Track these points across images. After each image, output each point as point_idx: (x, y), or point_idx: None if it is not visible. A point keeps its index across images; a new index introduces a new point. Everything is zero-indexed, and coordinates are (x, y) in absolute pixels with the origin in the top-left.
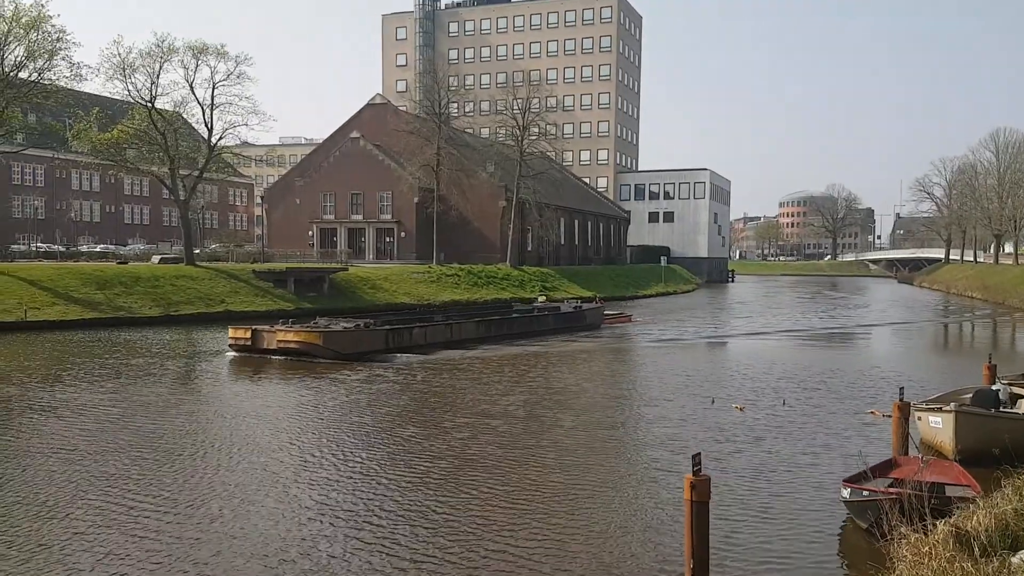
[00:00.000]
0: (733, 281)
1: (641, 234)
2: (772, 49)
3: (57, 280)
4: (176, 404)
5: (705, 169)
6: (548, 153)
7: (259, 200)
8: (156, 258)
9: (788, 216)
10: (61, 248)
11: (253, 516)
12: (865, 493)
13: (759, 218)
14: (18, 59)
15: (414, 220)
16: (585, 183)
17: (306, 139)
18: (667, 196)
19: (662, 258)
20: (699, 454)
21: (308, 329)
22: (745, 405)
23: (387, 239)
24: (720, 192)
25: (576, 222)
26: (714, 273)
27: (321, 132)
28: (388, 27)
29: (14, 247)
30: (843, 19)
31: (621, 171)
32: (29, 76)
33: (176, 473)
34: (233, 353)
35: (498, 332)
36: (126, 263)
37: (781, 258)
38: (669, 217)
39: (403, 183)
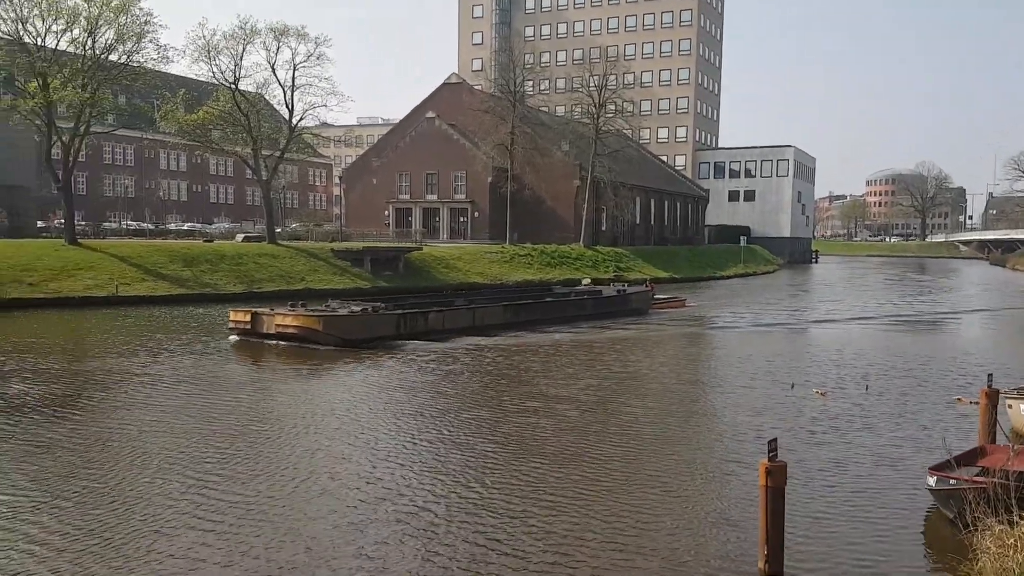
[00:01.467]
0: (817, 262)
1: (720, 213)
2: (860, 22)
3: (147, 257)
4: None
5: (789, 146)
6: (624, 131)
7: (337, 180)
8: (240, 236)
9: (875, 195)
10: (150, 226)
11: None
12: (952, 482)
13: (845, 197)
14: (108, 42)
15: (488, 200)
16: (662, 161)
17: (383, 119)
18: (748, 174)
19: (742, 238)
20: (775, 439)
21: (307, 313)
22: (827, 391)
23: (461, 219)
24: (804, 170)
25: (652, 201)
26: (796, 254)
27: (398, 112)
28: (465, 5)
29: (106, 225)
30: None
31: (700, 148)
32: (119, 58)
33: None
34: (235, 337)
35: (528, 318)
36: (212, 241)
37: (867, 238)
38: (750, 196)
39: (477, 163)
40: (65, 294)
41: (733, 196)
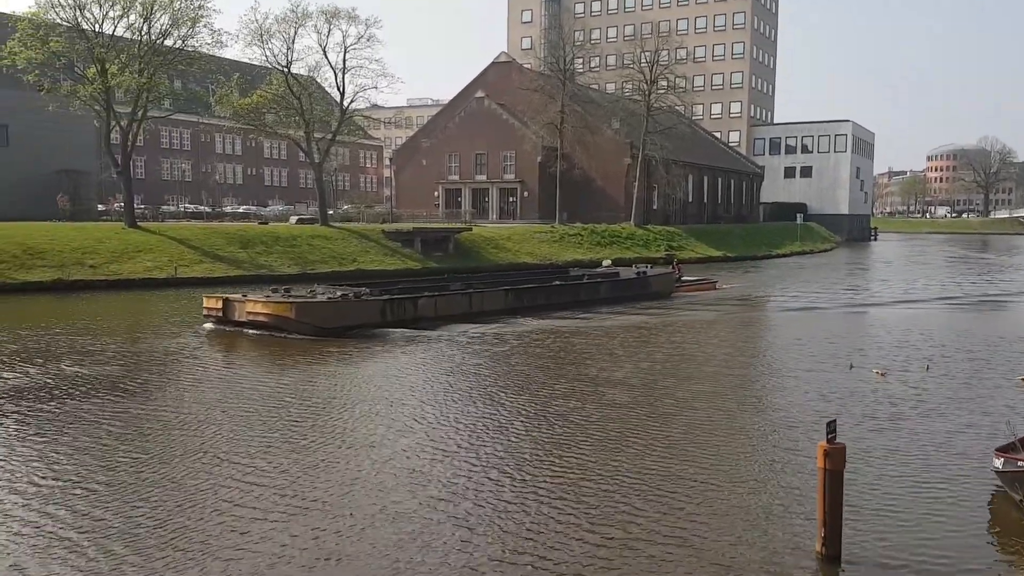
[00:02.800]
0: (876, 239)
1: (776, 190)
2: None
3: (204, 239)
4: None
5: (847, 120)
6: (677, 107)
7: (388, 162)
8: (293, 219)
9: (936, 171)
10: (207, 209)
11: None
12: (1020, 464)
13: (905, 172)
14: (163, 27)
15: (537, 179)
16: (716, 137)
17: (433, 100)
18: (805, 150)
19: (798, 215)
20: (834, 420)
21: (278, 299)
22: (886, 372)
23: (510, 199)
24: (863, 145)
25: (705, 179)
26: (855, 231)
27: (448, 93)
28: None
29: (164, 208)
30: None
31: (755, 124)
32: (174, 43)
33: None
34: (209, 325)
35: (532, 303)
36: (266, 223)
37: (928, 215)
38: (807, 172)
39: (527, 142)
40: (126, 276)
41: (789, 172)
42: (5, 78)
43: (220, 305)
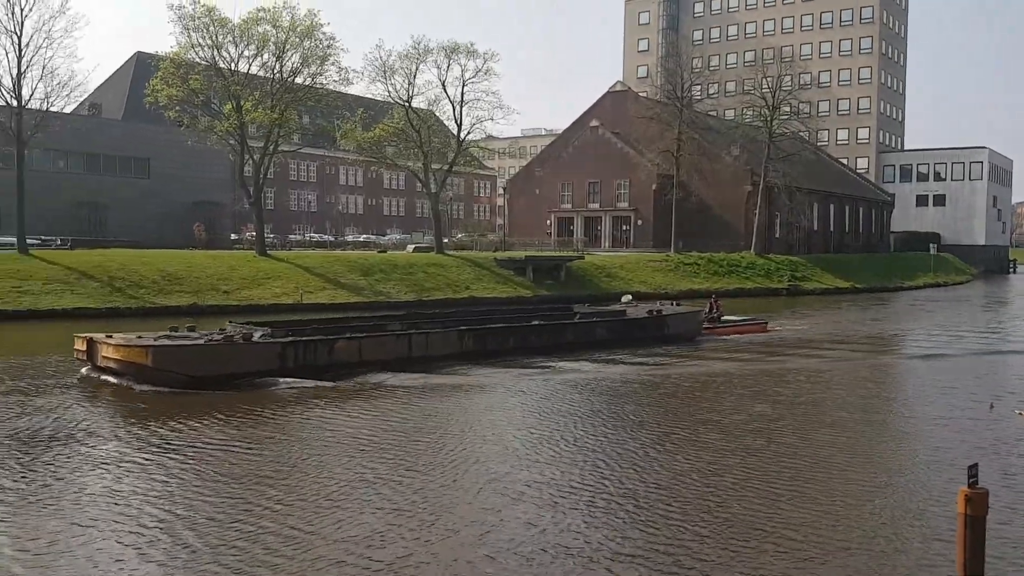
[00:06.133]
0: (1015, 272)
1: (906, 219)
2: None
3: (327, 267)
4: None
5: (983, 147)
6: (801, 133)
7: (501, 191)
8: (410, 247)
9: None
10: (330, 238)
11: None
12: None
13: None
14: (294, 65)
15: (651, 208)
16: (842, 164)
17: (546, 130)
18: (938, 177)
19: (931, 245)
20: (975, 464)
21: (133, 343)
22: None
23: (623, 227)
24: (1001, 173)
25: (831, 207)
26: (992, 262)
27: (562, 123)
28: (631, 13)
29: (291, 237)
30: None
31: (884, 151)
32: (303, 81)
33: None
34: (84, 370)
35: (499, 346)
36: (385, 252)
37: None
38: (939, 200)
39: (641, 170)
40: (256, 301)
41: (921, 201)
42: (148, 115)
43: (85, 347)
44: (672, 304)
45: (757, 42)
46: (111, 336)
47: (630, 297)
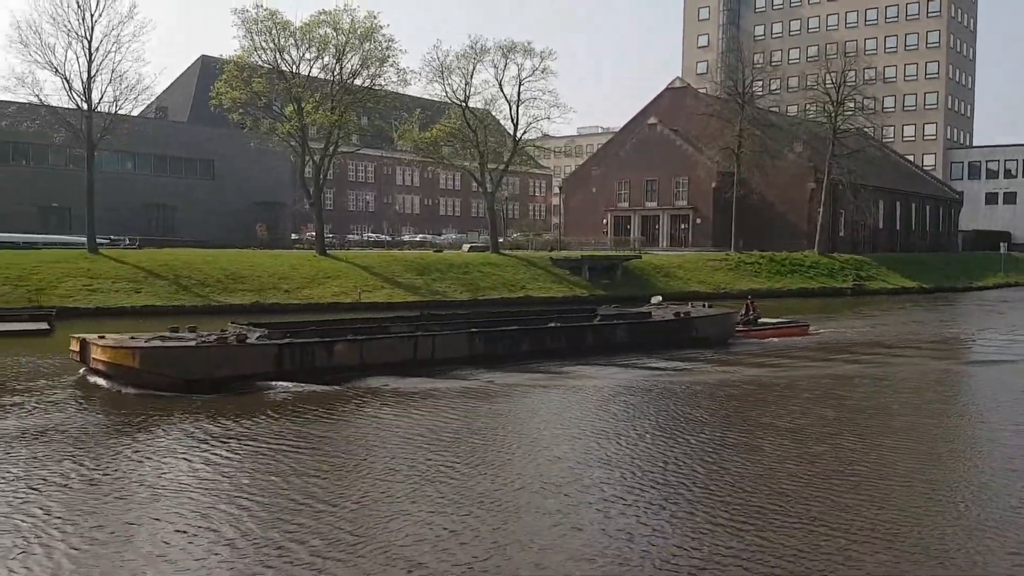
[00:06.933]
0: None
1: (975, 217)
2: None
3: (385, 266)
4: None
5: None
6: (865, 129)
7: (557, 190)
8: (466, 247)
9: None
10: (387, 238)
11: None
12: None
13: None
14: (354, 67)
15: (711, 206)
16: (908, 161)
17: (603, 128)
18: (1009, 174)
19: (1002, 244)
20: None
21: (120, 344)
22: None
23: (682, 226)
24: None
25: (897, 204)
26: None
27: (619, 121)
28: (690, 8)
29: (350, 237)
30: None
31: (952, 147)
32: (363, 82)
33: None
34: (83, 370)
35: (511, 350)
36: (441, 251)
37: None
38: (1010, 198)
39: (700, 168)
40: (315, 300)
41: (991, 198)
42: (213, 117)
43: (78, 348)
44: (704, 305)
45: (820, 37)
46: (103, 337)
47: (660, 298)
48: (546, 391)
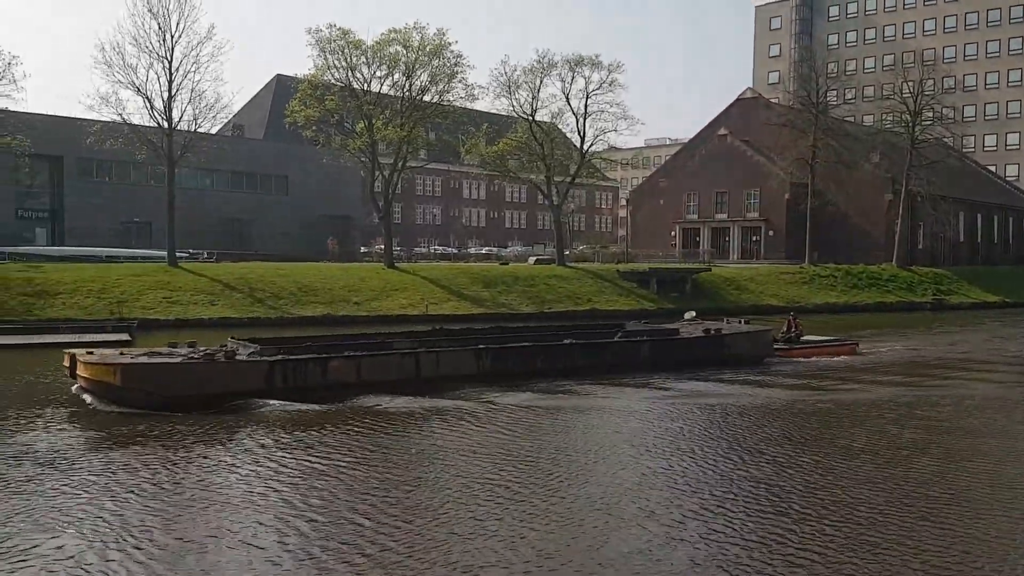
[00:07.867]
0: None
1: None
2: None
3: (451, 279)
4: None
5: None
6: (945, 139)
7: (624, 202)
8: (532, 259)
9: None
10: (454, 250)
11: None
12: None
13: None
14: (423, 84)
15: (784, 218)
16: (990, 172)
17: (671, 139)
18: None
19: None
20: None
21: (102, 360)
22: None
23: (753, 238)
24: None
25: (978, 216)
26: None
27: (687, 132)
28: (762, 18)
29: (417, 249)
30: None
31: None
32: (431, 98)
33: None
34: (73, 388)
35: (522, 367)
36: (507, 264)
37: None
38: None
39: (772, 179)
40: (384, 312)
41: None
42: (287, 134)
43: (69, 364)
44: (740, 322)
45: (897, 45)
46: (91, 352)
47: (694, 314)
48: (536, 414)
